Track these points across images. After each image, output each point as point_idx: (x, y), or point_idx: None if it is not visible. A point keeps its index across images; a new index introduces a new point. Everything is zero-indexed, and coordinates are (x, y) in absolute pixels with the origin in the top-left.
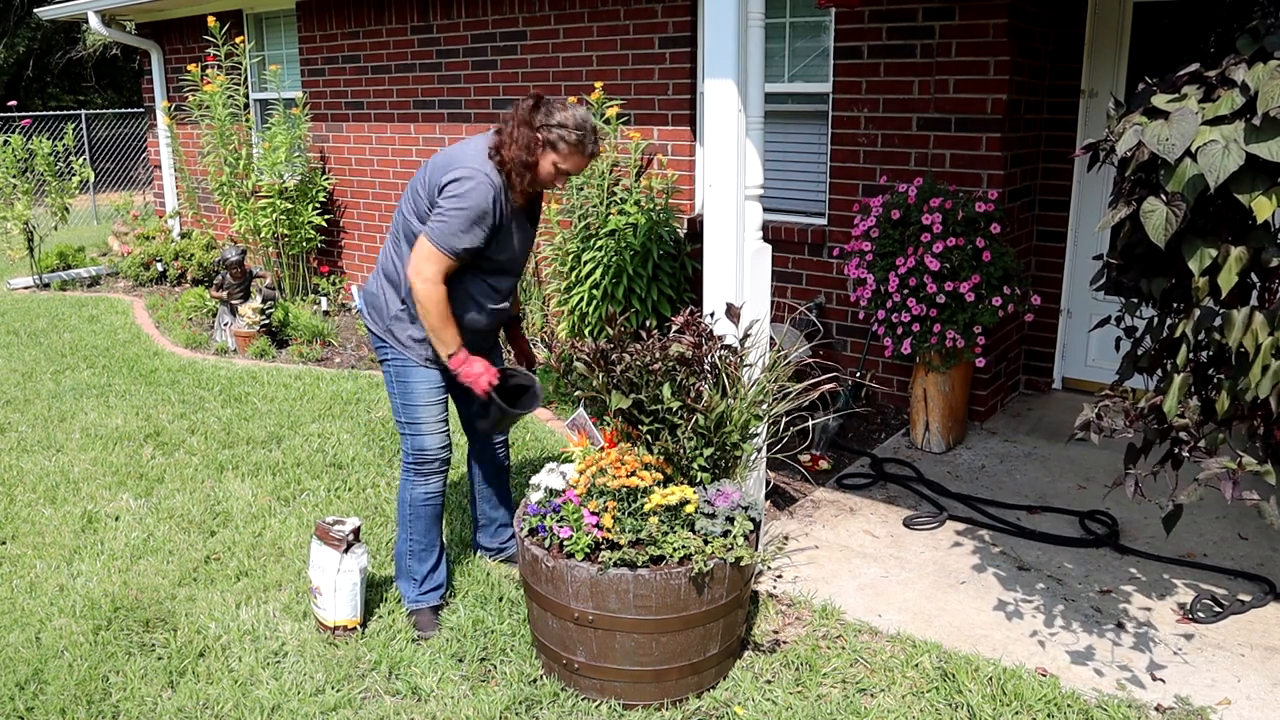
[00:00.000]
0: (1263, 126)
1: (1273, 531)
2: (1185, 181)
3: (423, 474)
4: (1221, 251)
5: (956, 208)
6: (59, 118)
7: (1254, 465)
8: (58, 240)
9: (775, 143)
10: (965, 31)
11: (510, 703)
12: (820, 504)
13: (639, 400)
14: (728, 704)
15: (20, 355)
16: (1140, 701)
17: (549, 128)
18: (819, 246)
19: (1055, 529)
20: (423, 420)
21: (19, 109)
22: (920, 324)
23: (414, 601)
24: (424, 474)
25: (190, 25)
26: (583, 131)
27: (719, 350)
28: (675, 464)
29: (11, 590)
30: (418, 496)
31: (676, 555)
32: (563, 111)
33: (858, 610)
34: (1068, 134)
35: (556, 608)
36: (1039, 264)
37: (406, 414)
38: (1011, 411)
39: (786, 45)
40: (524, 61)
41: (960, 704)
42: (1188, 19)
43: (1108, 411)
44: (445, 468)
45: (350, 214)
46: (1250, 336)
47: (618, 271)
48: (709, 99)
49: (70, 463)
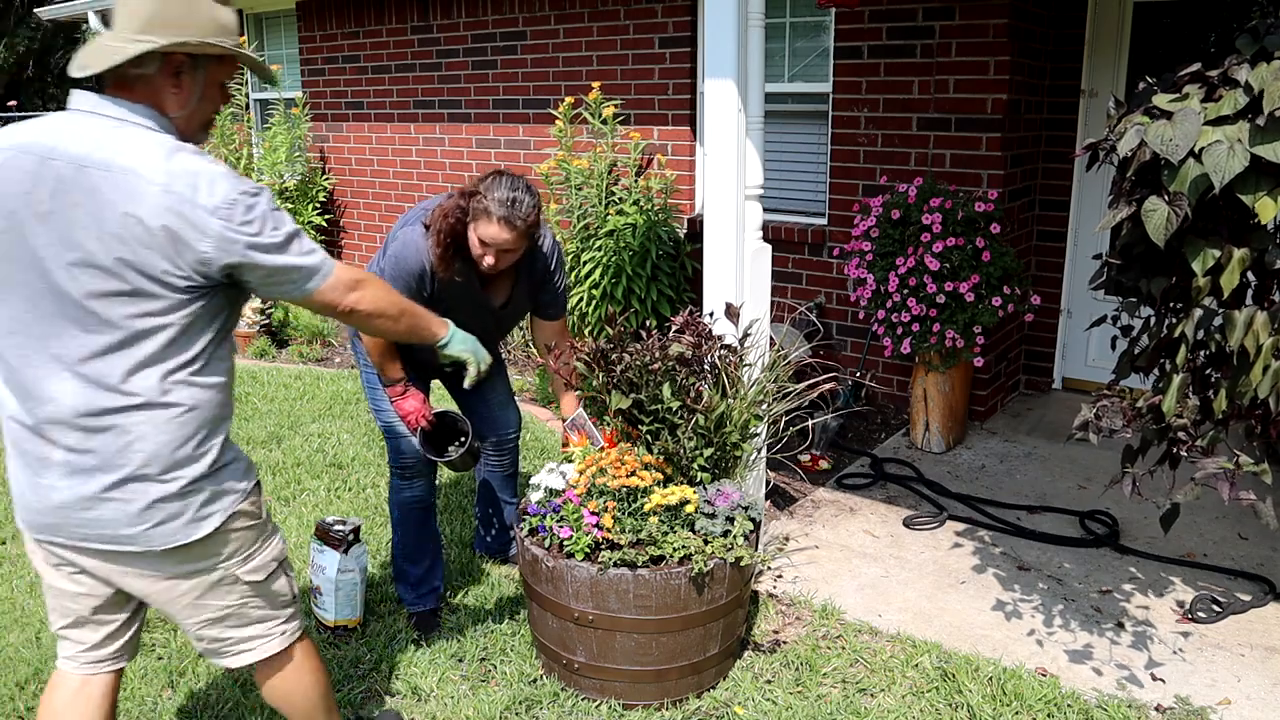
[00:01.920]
0: (1267, 127)
1: (1272, 531)
2: (1189, 182)
3: (405, 478)
4: (1224, 252)
5: (956, 208)
6: None
7: (1251, 465)
8: None
9: (775, 143)
10: (965, 31)
11: (510, 703)
12: (820, 504)
13: (639, 400)
14: (728, 704)
15: None
16: (1140, 701)
17: (479, 196)
18: (819, 246)
19: (1055, 529)
20: (397, 425)
21: (19, 109)
22: (920, 324)
23: (411, 604)
24: (406, 478)
25: None
26: (506, 204)
27: (719, 350)
28: (675, 464)
29: (12, 590)
30: (404, 500)
31: (676, 555)
32: (499, 189)
33: (858, 610)
34: (1068, 134)
35: (556, 608)
36: (1039, 264)
37: (381, 419)
38: (1011, 411)
39: (786, 45)
40: (524, 61)
41: (960, 704)
42: (1188, 19)
43: (1106, 411)
44: (429, 471)
45: (350, 214)
46: (1252, 337)
47: (617, 271)
48: (709, 99)
49: None
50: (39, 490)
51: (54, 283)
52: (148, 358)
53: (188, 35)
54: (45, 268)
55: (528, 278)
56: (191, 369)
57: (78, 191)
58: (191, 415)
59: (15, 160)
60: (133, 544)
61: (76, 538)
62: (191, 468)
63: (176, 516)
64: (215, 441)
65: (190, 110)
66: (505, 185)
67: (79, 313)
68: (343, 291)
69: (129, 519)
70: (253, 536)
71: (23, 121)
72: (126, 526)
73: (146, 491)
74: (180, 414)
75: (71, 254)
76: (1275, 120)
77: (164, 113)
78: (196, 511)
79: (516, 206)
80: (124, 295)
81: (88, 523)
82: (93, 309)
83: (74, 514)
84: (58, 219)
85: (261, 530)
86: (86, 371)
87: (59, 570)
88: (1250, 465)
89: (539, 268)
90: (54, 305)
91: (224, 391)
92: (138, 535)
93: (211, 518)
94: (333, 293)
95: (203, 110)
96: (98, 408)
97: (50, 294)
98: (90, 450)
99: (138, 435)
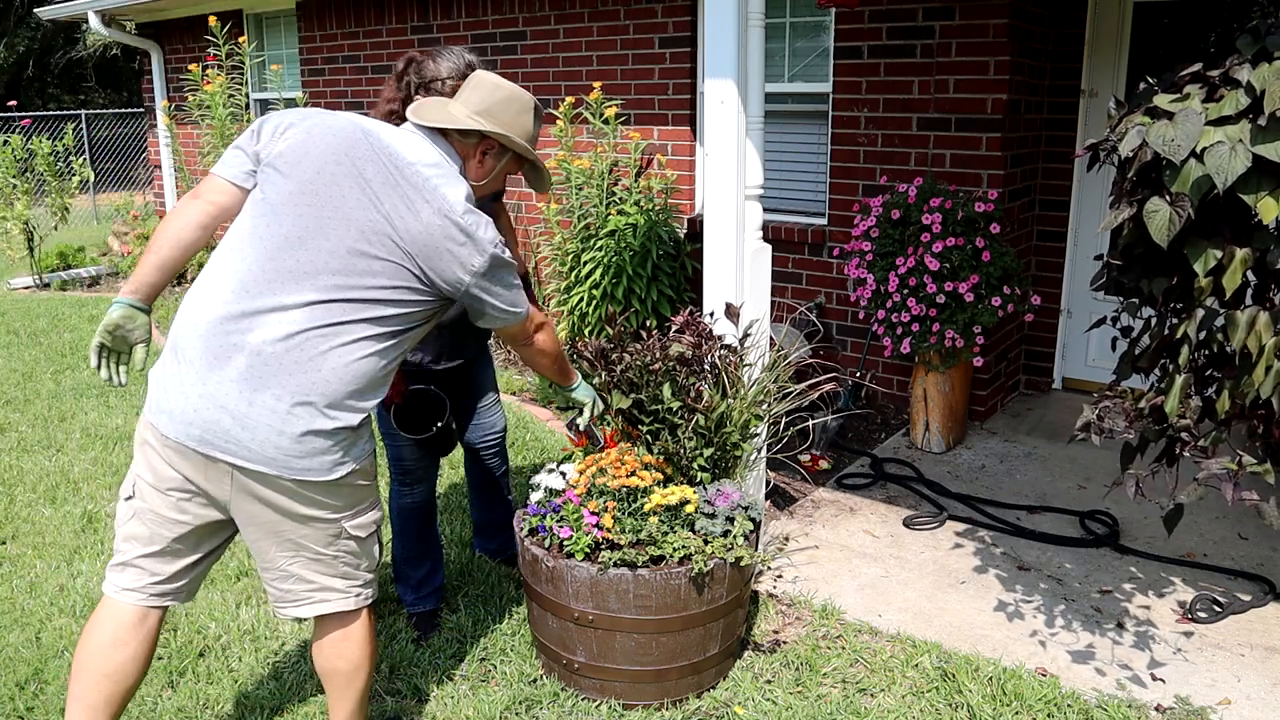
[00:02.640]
0: (1269, 127)
1: (1273, 531)
2: (1191, 183)
3: (405, 484)
4: (1226, 253)
5: (956, 208)
6: (59, 118)
7: (1254, 465)
8: (58, 240)
9: (775, 143)
10: (965, 31)
11: (510, 703)
12: (820, 504)
13: (639, 400)
14: (728, 704)
15: (20, 355)
16: (1140, 701)
17: (434, 80)
18: (819, 246)
19: (1055, 529)
20: (397, 430)
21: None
22: (920, 324)
23: (411, 605)
24: (406, 484)
25: (190, 25)
26: (464, 67)
27: (719, 350)
28: (675, 464)
29: (11, 590)
30: (405, 507)
31: (676, 555)
32: (446, 60)
33: (858, 610)
34: (1068, 134)
35: (556, 608)
36: (1039, 264)
37: (381, 424)
38: (1011, 411)
39: (786, 45)
40: (524, 61)
41: (960, 704)
42: (1188, 19)
43: (1108, 412)
44: (430, 477)
45: None
46: (1254, 338)
47: (617, 271)
48: (709, 99)
49: (70, 463)
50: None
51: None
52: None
53: (507, 131)
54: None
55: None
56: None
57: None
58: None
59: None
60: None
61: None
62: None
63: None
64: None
65: (482, 184)
66: (444, 56)
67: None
68: (525, 329)
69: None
70: (365, 493)
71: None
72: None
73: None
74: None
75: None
76: (1276, 120)
77: (464, 174)
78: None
79: (474, 65)
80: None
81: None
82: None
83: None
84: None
85: (372, 491)
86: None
87: (168, 495)
88: (1253, 465)
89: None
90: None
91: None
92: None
93: (347, 463)
94: (523, 327)
95: (489, 187)
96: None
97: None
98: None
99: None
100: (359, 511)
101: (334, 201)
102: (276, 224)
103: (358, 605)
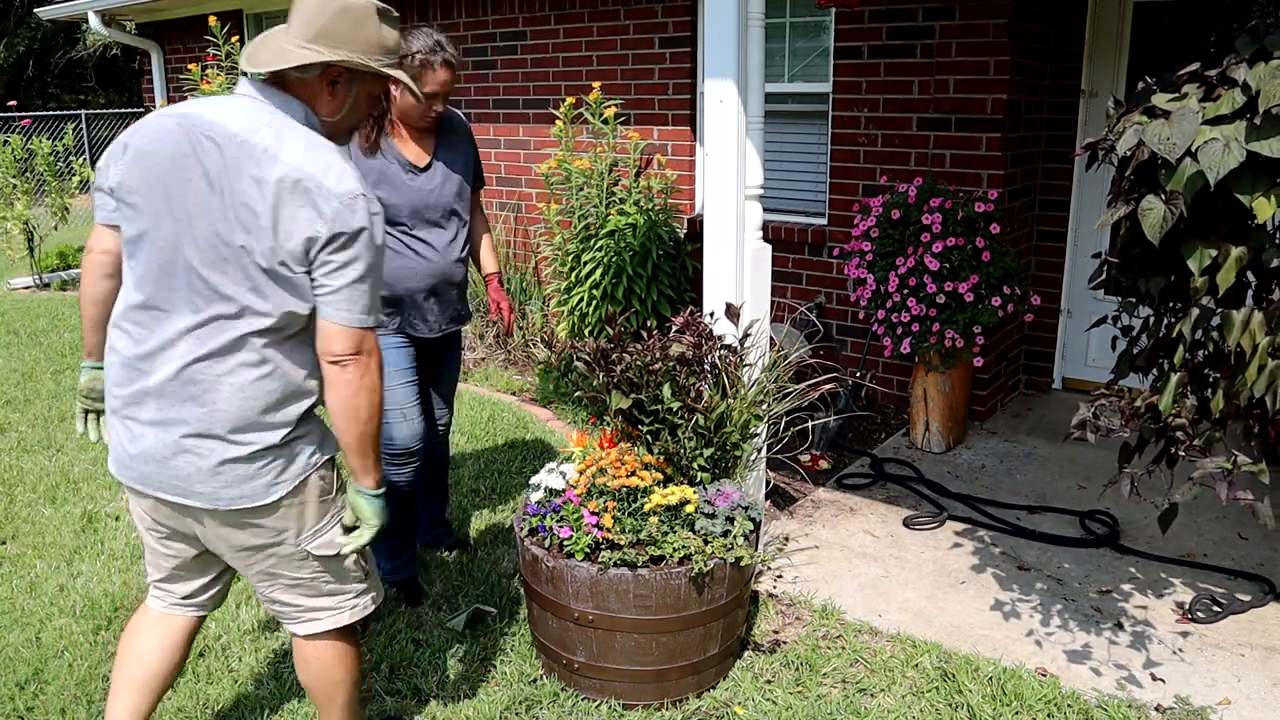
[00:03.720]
0: (1263, 124)
1: (1272, 531)
2: (1185, 180)
3: (395, 464)
4: (1221, 251)
5: (956, 208)
6: (59, 118)
7: (1249, 465)
8: (58, 240)
9: (775, 143)
10: (965, 31)
11: (510, 703)
12: (820, 504)
13: (639, 400)
14: (728, 704)
15: (20, 355)
16: (1140, 701)
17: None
18: (819, 246)
19: (1055, 529)
20: (388, 406)
21: (19, 109)
22: (920, 324)
23: (390, 575)
24: (396, 464)
25: (190, 25)
26: (435, 48)
27: (719, 350)
28: (675, 464)
29: (11, 590)
30: (394, 485)
31: (676, 555)
32: (416, 42)
33: (858, 610)
34: (1068, 134)
35: (556, 608)
36: (1039, 264)
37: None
38: (1011, 411)
39: (786, 45)
40: (524, 61)
41: (960, 704)
42: (1188, 19)
43: (1104, 411)
44: (419, 456)
45: None
46: (1248, 337)
47: (617, 271)
48: (709, 99)
49: (70, 463)
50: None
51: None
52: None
53: (349, 52)
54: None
55: (445, 140)
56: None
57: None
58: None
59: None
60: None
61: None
62: (264, 434)
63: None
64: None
65: (339, 116)
66: (417, 37)
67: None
68: (354, 343)
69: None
70: (322, 511)
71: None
72: (199, 483)
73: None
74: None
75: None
76: (1271, 117)
77: (315, 112)
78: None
79: (443, 46)
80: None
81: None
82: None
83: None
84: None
85: (332, 506)
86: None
87: (150, 534)
88: (1248, 465)
89: (452, 122)
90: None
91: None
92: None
93: (280, 485)
94: (346, 338)
95: (350, 118)
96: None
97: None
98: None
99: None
100: (319, 531)
101: (186, 212)
102: (141, 258)
103: (354, 618)
